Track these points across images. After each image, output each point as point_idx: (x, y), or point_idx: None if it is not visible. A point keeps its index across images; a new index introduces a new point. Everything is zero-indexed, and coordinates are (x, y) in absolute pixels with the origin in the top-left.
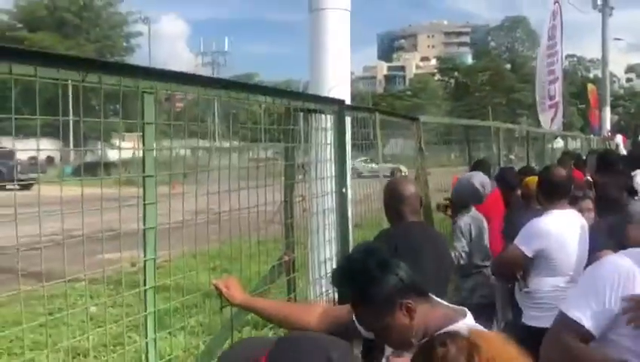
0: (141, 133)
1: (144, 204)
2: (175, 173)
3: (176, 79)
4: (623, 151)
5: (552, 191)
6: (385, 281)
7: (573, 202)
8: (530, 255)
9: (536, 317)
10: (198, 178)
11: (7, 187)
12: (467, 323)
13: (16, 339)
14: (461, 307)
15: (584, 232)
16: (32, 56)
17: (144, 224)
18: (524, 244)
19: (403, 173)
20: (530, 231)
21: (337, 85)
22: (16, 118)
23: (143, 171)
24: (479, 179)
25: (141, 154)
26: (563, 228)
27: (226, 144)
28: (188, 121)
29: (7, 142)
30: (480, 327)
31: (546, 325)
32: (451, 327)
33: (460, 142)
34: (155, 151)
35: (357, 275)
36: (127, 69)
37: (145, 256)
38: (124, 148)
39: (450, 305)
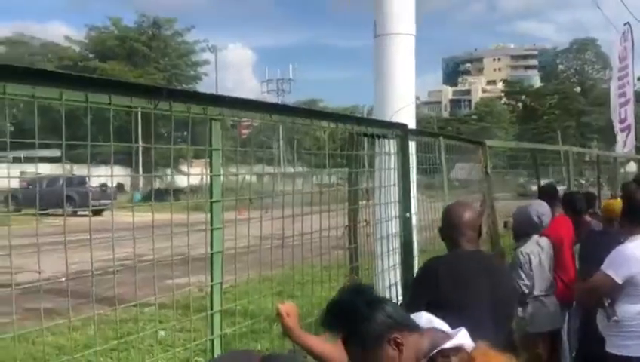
0: (208, 159)
1: (211, 229)
2: (241, 198)
3: (242, 106)
4: None
5: (637, 217)
6: (374, 319)
7: None
8: (620, 281)
9: (624, 346)
10: (263, 203)
11: (80, 213)
12: (456, 342)
13: None
14: (457, 329)
15: None
16: (106, 85)
17: (211, 248)
18: (613, 271)
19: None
20: (618, 258)
21: (402, 109)
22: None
23: (211, 197)
24: (536, 209)
25: (208, 180)
26: None
27: (291, 170)
28: (254, 147)
29: (79, 170)
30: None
31: (634, 354)
32: (438, 348)
33: (529, 166)
34: (222, 177)
35: (346, 315)
36: (196, 96)
37: (212, 281)
38: (193, 175)
39: (445, 330)
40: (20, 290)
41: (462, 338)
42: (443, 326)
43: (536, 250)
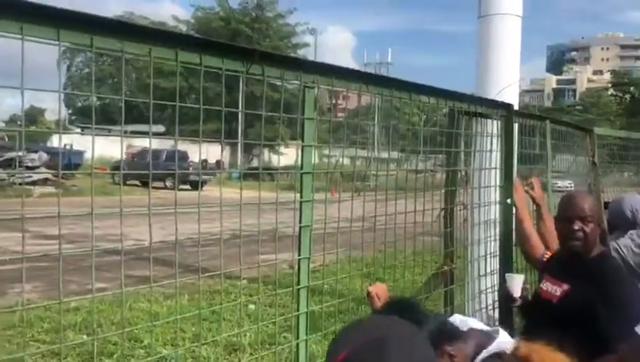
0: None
1: (300, 202)
2: (331, 171)
3: (338, 74)
4: None
5: None
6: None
7: None
8: None
9: None
10: (356, 187)
11: (181, 187)
12: (500, 341)
13: (179, 331)
14: (494, 328)
15: None
16: (197, 44)
17: (300, 222)
18: None
19: None
20: None
21: (506, 89)
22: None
23: (301, 168)
24: (630, 202)
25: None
26: None
27: (386, 154)
28: (349, 131)
29: (181, 146)
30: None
31: None
32: (484, 352)
33: (637, 158)
34: (313, 150)
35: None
36: (289, 61)
37: (299, 255)
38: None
39: (484, 329)
40: (121, 257)
41: (503, 336)
42: (478, 324)
43: (629, 244)
